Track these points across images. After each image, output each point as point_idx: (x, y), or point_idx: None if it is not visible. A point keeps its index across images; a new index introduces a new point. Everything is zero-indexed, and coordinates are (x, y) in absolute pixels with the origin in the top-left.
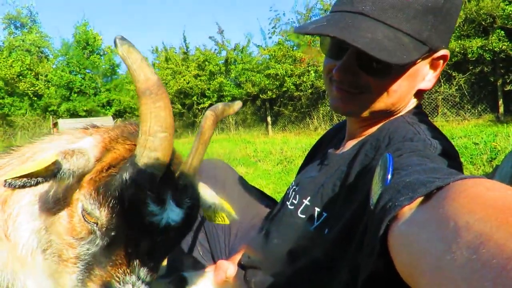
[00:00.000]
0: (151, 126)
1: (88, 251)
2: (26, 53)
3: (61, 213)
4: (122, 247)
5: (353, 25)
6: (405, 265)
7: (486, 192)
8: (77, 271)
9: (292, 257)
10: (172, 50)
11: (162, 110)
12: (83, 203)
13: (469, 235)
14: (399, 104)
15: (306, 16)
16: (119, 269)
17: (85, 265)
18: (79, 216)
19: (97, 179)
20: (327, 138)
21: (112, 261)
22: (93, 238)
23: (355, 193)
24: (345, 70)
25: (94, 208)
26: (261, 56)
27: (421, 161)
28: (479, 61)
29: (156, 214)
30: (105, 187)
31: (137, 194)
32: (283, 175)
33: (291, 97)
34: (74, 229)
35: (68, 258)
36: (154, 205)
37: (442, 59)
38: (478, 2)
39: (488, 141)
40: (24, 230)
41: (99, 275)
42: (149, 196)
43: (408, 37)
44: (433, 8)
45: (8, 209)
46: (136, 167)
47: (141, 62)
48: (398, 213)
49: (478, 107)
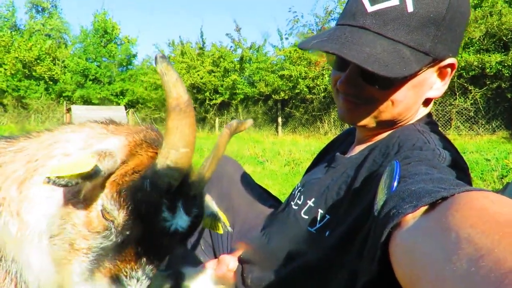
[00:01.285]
0: (176, 140)
1: (101, 244)
2: (45, 37)
3: (79, 206)
4: (133, 246)
5: (352, 40)
6: (405, 273)
7: (491, 206)
8: (87, 261)
9: (290, 257)
10: (188, 45)
11: (187, 127)
12: (104, 202)
13: (469, 248)
14: (406, 114)
15: (325, 20)
16: (127, 265)
17: (95, 257)
18: (97, 212)
19: (120, 182)
20: (338, 142)
21: (122, 257)
22: (107, 234)
23: (360, 198)
24: (349, 82)
25: (113, 209)
26: (276, 56)
27: (429, 170)
28: (497, 76)
29: (168, 220)
30: (127, 191)
31: (154, 201)
32: (289, 176)
33: (303, 100)
34: (91, 223)
35: (80, 248)
36: (168, 212)
37: (450, 68)
38: (500, 17)
39: (500, 158)
40: (37, 212)
41: (108, 267)
42: (165, 203)
43: (409, 49)
44: (434, 19)
45: (25, 190)
46: (157, 175)
47: (176, 81)
48: (401, 221)
49: (492, 123)
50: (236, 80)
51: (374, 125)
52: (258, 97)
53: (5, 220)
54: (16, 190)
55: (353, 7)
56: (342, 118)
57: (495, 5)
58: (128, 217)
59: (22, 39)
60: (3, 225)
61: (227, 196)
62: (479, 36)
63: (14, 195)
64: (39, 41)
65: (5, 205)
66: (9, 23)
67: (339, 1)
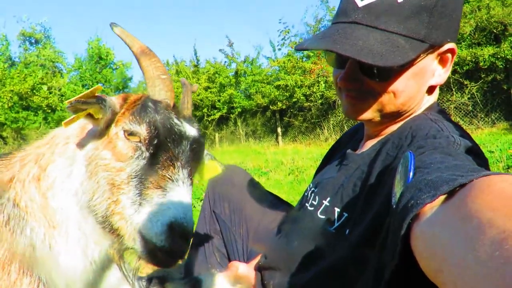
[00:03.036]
0: (155, 72)
1: (138, 166)
2: (39, 67)
3: (103, 147)
4: (165, 153)
5: (345, 36)
6: (429, 265)
7: (511, 188)
8: (132, 189)
9: (312, 259)
10: (182, 63)
11: (158, 62)
12: (124, 126)
13: (492, 232)
14: (411, 104)
15: (315, 28)
16: (168, 171)
17: (138, 181)
18: (123, 140)
19: (129, 109)
20: (344, 140)
21: (160, 166)
22: (139, 152)
23: (377, 193)
24: (349, 78)
25: (135, 126)
26: (271, 67)
27: (444, 158)
28: (492, 69)
29: (180, 126)
30: (139, 110)
31: (163, 111)
32: (295, 184)
33: (301, 108)
34: (120, 154)
35: (121, 182)
36: (176, 119)
37: (450, 53)
38: (488, 10)
39: (504, 149)
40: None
41: (152, 181)
42: (172, 112)
43: (404, 37)
44: (426, 6)
45: (44, 183)
46: (154, 98)
47: (132, 37)
48: (420, 212)
49: (491, 116)
50: (233, 94)
51: (379, 118)
52: (256, 109)
53: (31, 227)
54: (35, 188)
55: (345, 5)
56: (347, 114)
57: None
58: (149, 128)
59: (15, 71)
60: (30, 231)
61: (238, 208)
62: (470, 31)
63: (34, 193)
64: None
65: (29, 211)
66: (4, 57)
67: (328, 9)
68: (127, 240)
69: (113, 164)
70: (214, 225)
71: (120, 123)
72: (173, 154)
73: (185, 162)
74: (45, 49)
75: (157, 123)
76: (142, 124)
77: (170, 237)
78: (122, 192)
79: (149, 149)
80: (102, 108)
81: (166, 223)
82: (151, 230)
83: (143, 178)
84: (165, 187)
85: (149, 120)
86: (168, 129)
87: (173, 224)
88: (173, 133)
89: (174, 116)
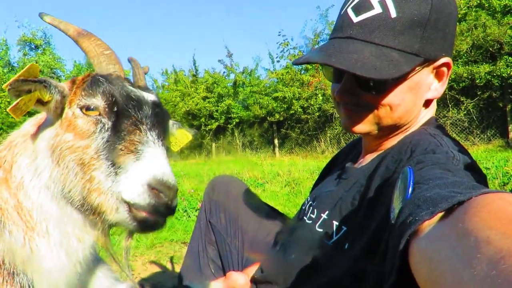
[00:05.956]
0: (97, 50)
1: (103, 139)
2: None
3: (64, 135)
4: (128, 119)
5: (340, 50)
6: (426, 281)
7: (509, 207)
8: (103, 162)
9: (310, 273)
10: (181, 73)
11: (98, 40)
12: (79, 103)
13: (489, 250)
14: (408, 117)
15: (314, 41)
16: (135, 135)
17: (107, 153)
18: (81, 118)
19: (79, 87)
20: (343, 154)
21: (126, 132)
22: (101, 125)
23: (376, 207)
24: (346, 91)
25: (90, 99)
26: (269, 79)
27: (443, 174)
28: (488, 86)
29: (136, 92)
30: (90, 84)
31: (115, 81)
32: (291, 196)
33: (298, 120)
34: (82, 131)
35: (91, 158)
36: (131, 87)
37: (446, 67)
38: (485, 29)
39: (500, 166)
40: (36, 188)
41: (122, 148)
42: (125, 81)
43: (398, 51)
44: (419, 21)
45: (12, 184)
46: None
47: (65, 22)
48: (419, 228)
49: (487, 132)
50: (231, 105)
51: (377, 131)
52: (253, 120)
53: (10, 229)
54: (6, 189)
55: (341, 21)
56: (345, 128)
57: (479, 18)
58: (106, 97)
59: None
60: (9, 235)
61: (234, 218)
62: (466, 49)
63: (6, 195)
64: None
65: (5, 214)
66: (3, 62)
67: (327, 23)
68: (110, 213)
69: (78, 143)
70: (210, 235)
71: (73, 103)
72: (136, 119)
73: (151, 126)
74: (44, 55)
75: (112, 91)
76: (97, 96)
77: (152, 192)
78: (94, 168)
79: (111, 118)
80: (47, 87)
81: (145, 182)
82: (132, 193)
83: (112, 149)
84: (137, 150)
85: (103, 90)
86: (125, 96)
87: (152, 180)
88: (131, 99)
89: (129, 84)
